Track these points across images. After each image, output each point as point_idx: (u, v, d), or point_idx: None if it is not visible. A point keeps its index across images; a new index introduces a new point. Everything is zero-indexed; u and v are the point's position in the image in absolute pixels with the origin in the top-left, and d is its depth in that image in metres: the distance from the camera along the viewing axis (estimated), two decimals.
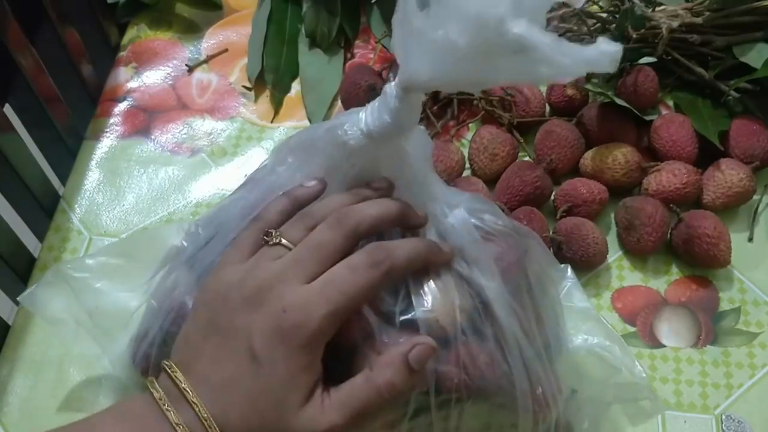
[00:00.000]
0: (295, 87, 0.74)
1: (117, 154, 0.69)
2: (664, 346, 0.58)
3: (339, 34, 0.76)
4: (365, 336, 0.39)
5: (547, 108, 0.70)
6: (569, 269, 0.53)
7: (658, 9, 0.68)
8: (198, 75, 0.75)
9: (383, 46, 0.75)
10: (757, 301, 0.60)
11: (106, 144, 0.70)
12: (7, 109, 0.62)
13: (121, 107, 0.72)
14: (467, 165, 0.66)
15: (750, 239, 0.64)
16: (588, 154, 0.65)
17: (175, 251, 0.48)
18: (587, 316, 0.51)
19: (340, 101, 0.72)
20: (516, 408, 0.42)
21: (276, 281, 0.38)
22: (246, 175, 0.49)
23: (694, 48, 0.67)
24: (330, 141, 0.42)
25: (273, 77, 0.73)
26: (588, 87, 0.69)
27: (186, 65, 0.75)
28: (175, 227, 0.49)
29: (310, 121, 0.71)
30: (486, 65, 0.35)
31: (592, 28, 0.71)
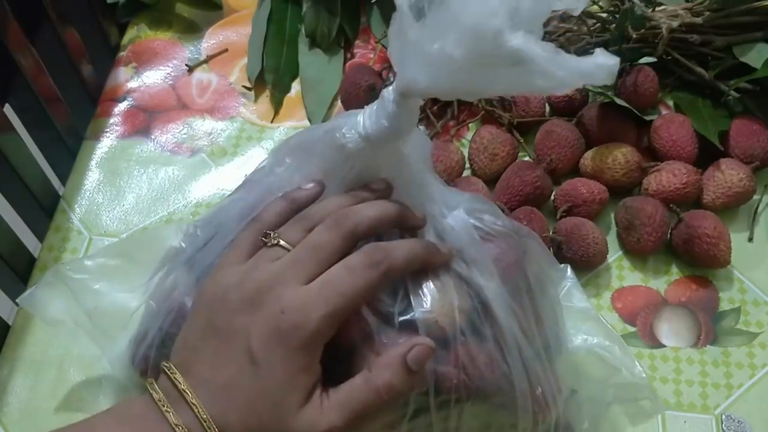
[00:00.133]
0: (295, 87, 0.74)
1: (117, 154, 0.69)
2: (664, 346, 0.58)
3: (339, 34, 0.75)
4: (364, 337, 0.39)
5: (547, 108, 0.70)
6: (569, 269, 0.53)
7: (658, 9, 0.68)
8: (198, 75, 0.75)
9: (383, 46, 0.75)
10: (757, 301, 0.60)
11: (106, 144, 0.70)
12: (7, 109, 0.62)
13: (121, 107, 0.72)
14: (467, 165, 0.66)
15: (750, 239, 0.64)
16: (588, 154, 0.65)
17: (174, 252, 0.48)
18: (587, 316, 0.51)
19: (340, 101, 0.72)
20: (515, 408, 0.42)
21: (275, 282, 0.38)
22: (246, 176, 0.49)
23: (694, 48, 0.67)
24: (328, 143, 0.42)
25: (273, 77, 0.73)
26: (588, 87, 0.69)
27: (186, 65, 0.75)
28: (174, 228, 0.49)
29: (310, 122, 0.71)
30: (482, 76, 0.35)
31: (592, 28, 0.70)
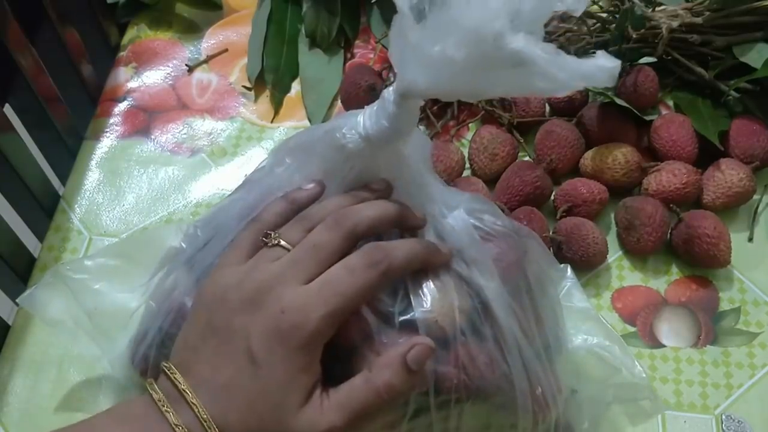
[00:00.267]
0: (295, 87, 0.74)
1: (117, 154, 0.69)
2: (664, 346, 0.58)
3: (339, 34, 0.75)
4: (364, 337, 0.39)
5: (547, 108, 0.70)
6: (569, 269, 0.53)
7: (658, 9, 0.68)
8: (198, 75, 0.75)
9: (383, 46, 0.75)
10: (757, 301, 0.60)
11: (106, 144, 0.70)
12: (7, 109, 0.62)
13: (121, 107, 0.72)
14: (467, 165, 0.66)
15: (750, 239, 0.64)
16: (588, 154, 0.65)
17: (174, 252, 0.48)
18: (587, 316, 0.51)
19: (340, 101, 0.72)
20: (515, 408, 0.42)
21: (274, 282, 0.38)
22: (246, 176, 0.49)
23: (694, 48, 0.67)
24: (328, 143, 0.42)
25: (273, 77, 0.73)
26: (588, 87, 0.69)
27: (186, 65, 0.75)
28: (174, 228, 0.49)
29: (310, 122, 0.71)
30: (483, 78, 0.35)
31: (592, 28, 0.70)
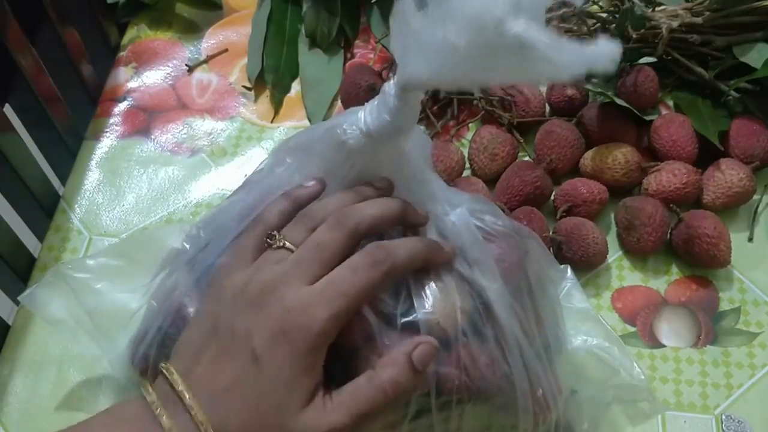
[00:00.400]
0: (295, 87, 0.74)
1: (117, 154, 0.69)
2: (664, 346, 0.58)
3: (339, 34, 0.75)
4: (366, 338, 0.39)
5: (547, 108, 0.70)
6: (569, 270, 0.53)
7: (658, 9, 0.68)
8: (198, 75, 0.75)
9: (383, 46, 0.75)
10: (757, 301, 0.60)
11: (106, 144, 0.70)
12: (7, 109, 0.62)
13: (121, 107, 0.72)
14: (467, 165, 0.66)
15: (750, 239, 0.64)
16: (588, 154, 0.65)
17: (176, 253, 0.48)
18: (586, 316, 0.51)
19: (340, 101, 0.72)
20: (516, 409, 0.42)
21: (278, 283, 0.38)
22: (246, 176, 0.49)
23: (694, 48, 0.67)
24: (329, 142, 0.42)
25: (273, 77, 0.73)
26: (588, 87, 0.69)
27: (186, 65, 0.75)
28: (176, 229, 0.49)
29: (310, 121, 0.71)
30: (485, 65, 0.34)
31: (592, 28, 0.70)
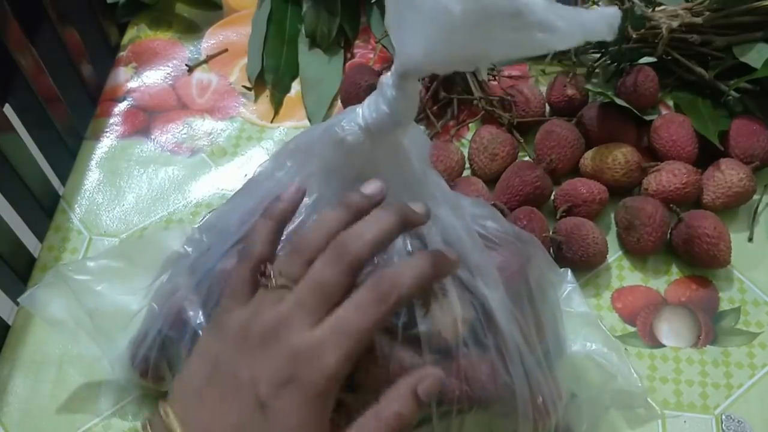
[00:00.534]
0: (295, 87, 0.74)
1: (117, 154, 0.69)
2: (664, 346, 0.58)
3: (339, 34, 0.76)
4: (367, 350, 0.38)
5: (547, 108, 0.70)
6: (569, 273, 0.53)
7: (658, 9, 0.68)
8: (198, 75, 0.75)
9: (383, 46, 0.75)
10: (757, 301, 0.60)
11: (106, 144, 0.70)
12: (7, 109, 0.62)
13: (121, 107, 0.72)
14: (467, 165, 0.66)
15: (750, 239, 0.64)
16: (588, 154, 0.65)
17: (176, 256, 0.47)
18: (586, 320, 0.51)
19: (340, 101, 0.72)
20: (516, 416, 0.42)
21: (281, 327, 0.36)
22: (246, 176, 0.49)
23: (694, 48, 0.67)
24: (327, 142, 0.41)
25: (273, 77, 0.73)
26: (588, 87, 0.69)
27: (186, 65, 0.75)
28: (176, 231, 0.50)
29: (310, 121, 0.71)
30: (481, 37, 0.33)
31: None
